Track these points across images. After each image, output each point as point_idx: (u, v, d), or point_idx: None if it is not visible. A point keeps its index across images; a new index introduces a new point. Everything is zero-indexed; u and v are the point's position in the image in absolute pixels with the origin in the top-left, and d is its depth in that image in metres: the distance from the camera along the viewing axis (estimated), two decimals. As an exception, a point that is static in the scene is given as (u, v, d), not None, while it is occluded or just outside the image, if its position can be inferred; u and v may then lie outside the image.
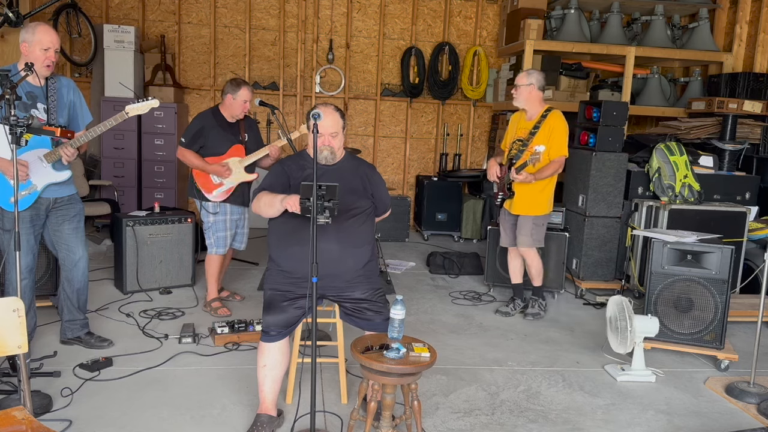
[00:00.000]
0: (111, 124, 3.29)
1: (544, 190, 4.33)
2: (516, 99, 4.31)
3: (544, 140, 4.20)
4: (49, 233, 3.43)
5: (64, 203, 3.41)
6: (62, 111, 3.34)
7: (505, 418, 3.04)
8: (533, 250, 4.44)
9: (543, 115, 4.26)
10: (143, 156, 6.58)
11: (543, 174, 4.22)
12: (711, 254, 3.66)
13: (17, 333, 2.01)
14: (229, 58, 7.19)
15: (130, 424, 2.80)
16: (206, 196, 4.15)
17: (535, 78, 4.27)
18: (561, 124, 4.23)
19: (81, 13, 6.39)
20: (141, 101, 3.33)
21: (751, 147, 5.71)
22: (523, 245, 4.40)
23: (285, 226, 2.83)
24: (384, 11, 7.34)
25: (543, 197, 4.34)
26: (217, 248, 4.25)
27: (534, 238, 4.38)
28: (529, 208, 4.34)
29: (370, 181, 2.97)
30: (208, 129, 4.12)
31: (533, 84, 4.25)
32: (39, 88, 3.26)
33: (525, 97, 4.27)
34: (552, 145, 4.19)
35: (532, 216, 4.34)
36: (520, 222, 4.39)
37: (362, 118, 7.53)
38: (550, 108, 4.30)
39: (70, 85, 3.43)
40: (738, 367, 3.74)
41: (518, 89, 4.27)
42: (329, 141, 2.84)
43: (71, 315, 3.59)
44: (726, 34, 6.94)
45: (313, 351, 2.55)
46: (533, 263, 4.48)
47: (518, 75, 4.37)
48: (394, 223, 6.78)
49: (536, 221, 4.36)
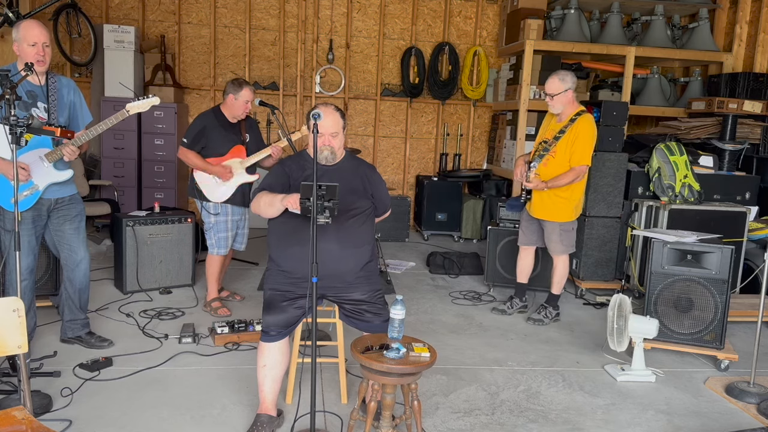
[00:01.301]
0: (112, 122, 3.29)
1: (568, 197, 4.20)
2: (553, 107, 4.15)
3: (567, 146, 4.11)
4: (50, 234, 3.43)
5: (66, 203, 3.41)
6: (62, 110, 3.34)
7: (505, 418, 3.04)
8: (565, 258, 4.37)
9: (572, 118, 4.14)
10: (143, 156, 6.58)
11: (558, 182, 4.11)
12: (711, 254, 3.66)
13: (17, 333, 2.01)
14: (229, 58, 7.19)
15: (130, 424, 2.80)
16: (207, 197, 4.15)
17: (570, 81, 4.11)
18: (587, 131, 4.09)
19: (81, 13, 6.39)
20: (142, 99, 3.33)
21: (751, 147, 5.71)
22: (556, 252, 4.34)
23: (285, 226, 2.83)
24: (384, 11, 7.34)
25: (567, 204, 4.22)
26: (218, 249, 4.24)
27: (565, 244, 4.30)
28: (551, 214, 4.24)
29: (370, 181, 2.97)
30: (210, 129, 4.12)
31: (570, 89, 4.11)
32: (39, 87, 3.27)
33: (563, 102, 4.13)
34: (574, 151, 4.09)
35: (558, 222, 4.25)
36: (547, 228, 4.31)
37: (362, 118, 7.53)
38: (582, 111, 4.17)
39: (71, 84, 3.44)
40: (738, 367, 3.74)
41: (554, 99, 4.10)
42: (329, 141, 2.84)
43: (72, 315, 3.59)
44: (726, 34, 6.94)
45: (313, 351, 2.55)
46: (560, 270, 4.39)
47: (549, 82, 4.13)
48: (394, 223, 6.79)
49: (563, 227, 4.26)
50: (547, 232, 4.32)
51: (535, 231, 4.43)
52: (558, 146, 4.15)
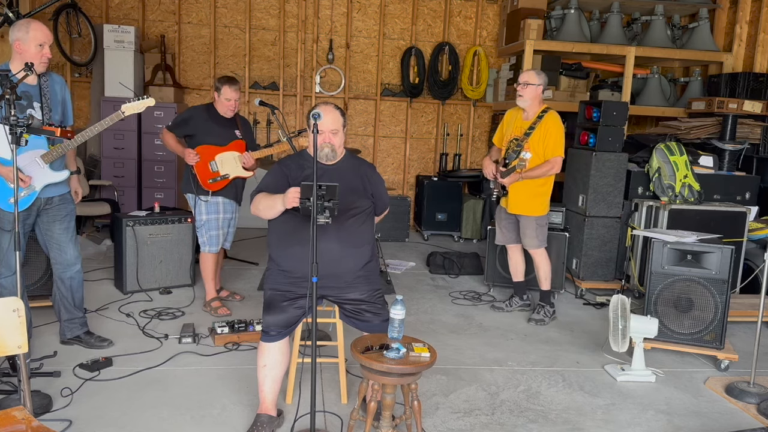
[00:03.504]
0: (107, 123, 3.29)
1: (542, 191, 4.31)
2: (522, 98, 4.26)
3: (539, 141, 4.19)
4: (41, 233, 3.43)
5: (56, 203, 3.40)
6: (56, 108, 3.34)
7: (505, 418, 3.04)
8: (542, 252, 4.42)
9: (539, 115, 4.25)
10: (143, 156, 6.58)
11: (532, 173, 4.18)
12: (711, 254, 3.66)
13: (17, 333, 2.01)
14: (229, 58, 7.19)
15: (130, 424, 2.80)
16: (202, 187, 4.18)
17: (544, 79, 4.28)
18: (556, 125, 4.22)
19: (81, 13, 6.39)
20: (136, 100, 3.32)
21: (751, 147, 5.71)
22: (531, 247, 4.39)
23: (285, 226, 2.83)
24: (384, 11, 7.34)
25: (542, 197, 4.32)
26: (210, 247, 4.27)
27: (540, 239, 4.37)
28: (528, 208, 4.32)
29: (370, 180, 2.97)
30: (197, 119, 4.21)
31: (542, 85, 4.25)
32: (33, 86, 3.24)
33: (532, 96, 4.24)
34: (547, 145, 4.19)
35: (534, 217, 4.33)
36: (522, 223, 4.38)
37: (362, 118, 7.52)
38: (548, 108, 4.29)
39: (62, 82, 3.44)
40: (738, 367, 3.74)
41: (527, 88, 4.22)
42: (329, 138, 2.84)
43: (69, 314, 3.58)
44: (726, 34, 6.94)
45: (313, 351, 2.55)
46: (542, 265, 4.45)
47: (526, 72, 4.32)
48: (394, 223, 6.79)
49: (539, 221, 4.35)
50: (523, 227, 4.39)
51: (513, 228, 4.48)
52: (531, 142, 4.21)
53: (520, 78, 4.30)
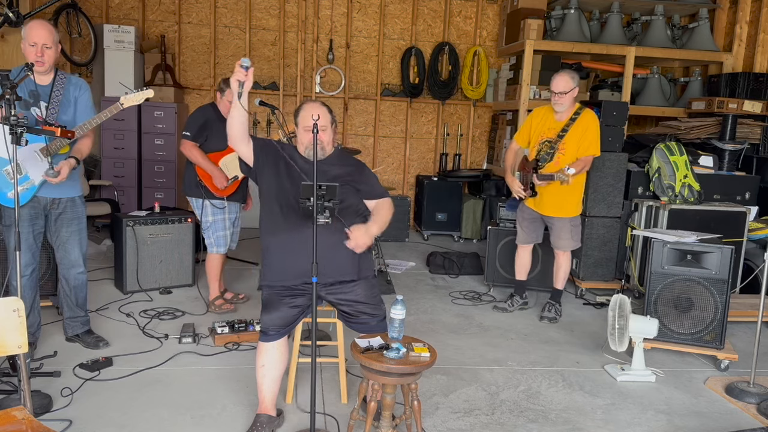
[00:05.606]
0: (106, 116, 3.28)
1: (575, 191, 4.26)
2: (562, 105, 4.14)
3: (577, 139, 4.15)
4: (49, 232, 3.45)
5: (65, 205, 3.41)
6: (66, 109, 3.34)
7: (505, 418, 3.04)
8: (569, 252, 4.42)
9: (573, 116, 4.18)
10: (143, 156, 6.58)
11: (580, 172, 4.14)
12: (711, 254, 3.66)
13: (17, 333, 2.01)
14: (229, 58, 7.18)
15: (130, 424, 2.81)
16: (213, 193, 4.15)
17: (577, 80, 4.16)
18: (596, 123, 4.20)
19: (81, 13, 6.39)
20: (135, 91, 3.33)
21: (751, 147, 5.71)
22: (566, 248, 4.37)
23: (278, 225, 2.82)
24: (384, 11, 7.34)
25: (576, 198, 4.29)
26: (217, 247, 4.26)
27: (575, 239, 4.36)
28: (563, 210, 4.28)
29: (358, 174, 2.94)
30: (212, 122, 4.12)
31: (577, 87, 4.14)
32: (45, 87, 3.28)
33: (570, 100, 4.15)
34: (583, 142, 4.14)
35: (569, 218, 4.29)
36: (557, 226, 4.33)
37: (362, 118, 7.52)
38: (583, 106, 4.23)
39: (79, 83, 3.43)
40: (738, 367, 3.74)
41: (564, 96, 4.10)
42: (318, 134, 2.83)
43: (72, 312, 3.62)
44: (726, 34, 6.94)
45: (312, 351, 2.55)
46: (564, 265, 4.44)
47: (559, 80, 4.11)
48: (394, 223, 6.71)
49: (573, 222, 4.33)
50: (557, 229, 4.34)
51: (537, 228, 4.44)
52: (567, 142, 4.16)
53: (554, 88, 4.12)
